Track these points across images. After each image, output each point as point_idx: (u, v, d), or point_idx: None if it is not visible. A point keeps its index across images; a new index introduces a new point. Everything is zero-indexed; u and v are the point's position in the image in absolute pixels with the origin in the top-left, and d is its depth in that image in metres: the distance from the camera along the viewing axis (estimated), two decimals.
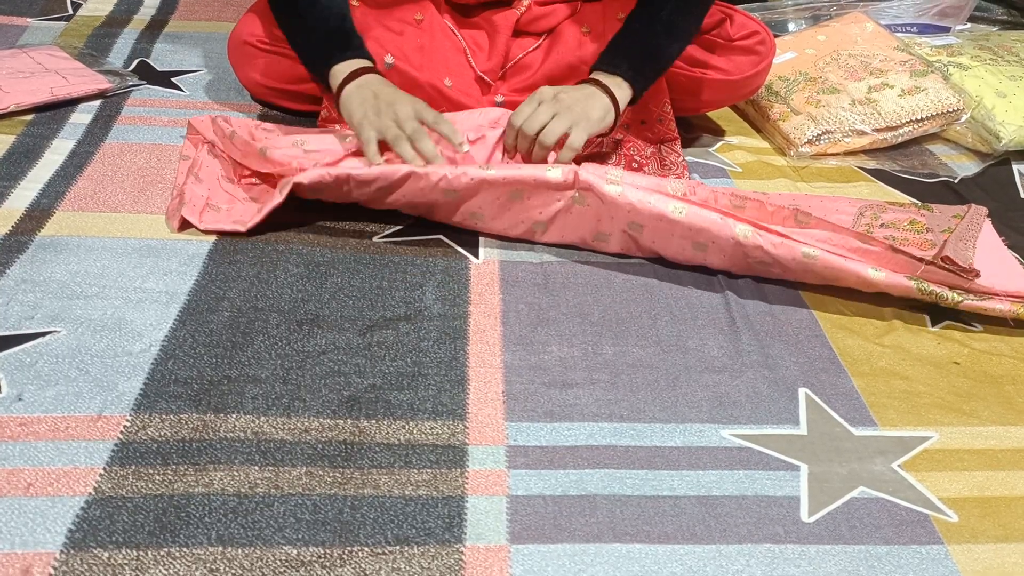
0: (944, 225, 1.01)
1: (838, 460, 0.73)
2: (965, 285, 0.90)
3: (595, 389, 0.79)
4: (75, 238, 0.91)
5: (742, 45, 1.15)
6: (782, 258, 0.89)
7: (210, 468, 0.67)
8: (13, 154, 1.04)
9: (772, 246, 0.89)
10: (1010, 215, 1.11)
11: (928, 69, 1.26)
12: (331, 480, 0.67)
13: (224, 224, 0.94)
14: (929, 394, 0.82)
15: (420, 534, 0.64)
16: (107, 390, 0.73)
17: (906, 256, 0.89)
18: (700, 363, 0.83)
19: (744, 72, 1.14)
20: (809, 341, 0.87)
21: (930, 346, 0.88)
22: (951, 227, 1.00)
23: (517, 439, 0.73)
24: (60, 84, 1.16)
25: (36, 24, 1.39)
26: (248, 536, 0.62)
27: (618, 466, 0.71)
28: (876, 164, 1.21)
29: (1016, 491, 0.72)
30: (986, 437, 0.77)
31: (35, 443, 0.68)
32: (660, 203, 0.90)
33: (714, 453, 0.73)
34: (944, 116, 1.23)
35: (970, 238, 0.96)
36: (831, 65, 1.29)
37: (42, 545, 0.60)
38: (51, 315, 0.80)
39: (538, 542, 0.64)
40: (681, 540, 0.65)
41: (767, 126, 1.27)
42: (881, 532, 0.67)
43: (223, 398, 0.74)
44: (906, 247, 0.93)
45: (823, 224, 0.92)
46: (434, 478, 0.68)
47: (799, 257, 0.89)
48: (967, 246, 0.94)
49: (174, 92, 1.22)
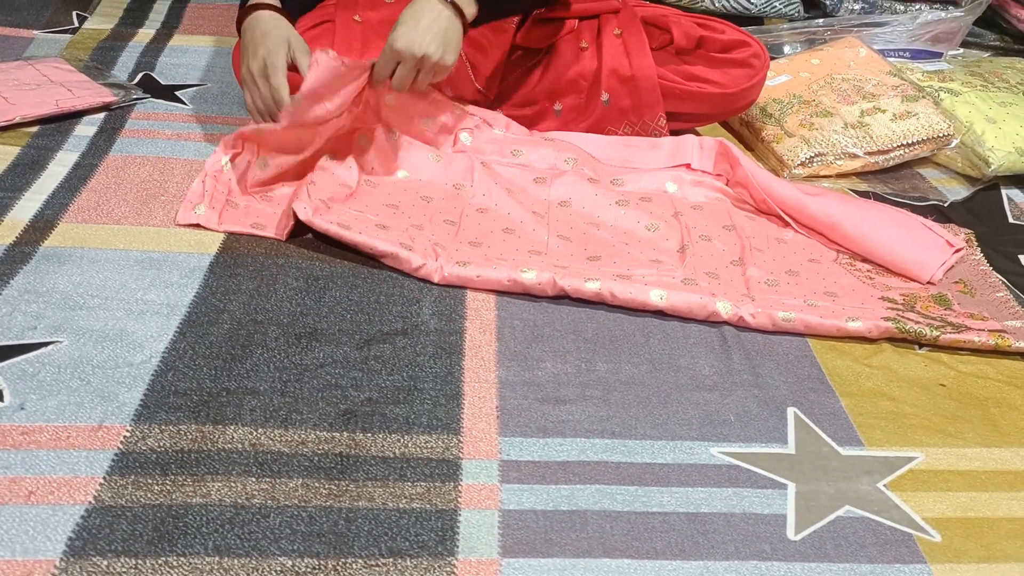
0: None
1: (825, 479, 0.75)
2: (947, 318, 0.92)
3: (588, 405, 0.80)
4: (78, 249, 0.92)
5: (736, 58, 1.17)
6: (763, 326, 0.92)
7: (208, 479, 0.68)
8: (18, 165, 1.06)
9: (751, 316, 0.91)
10: (998, 239, 1.13)
11: (920, 94, 1.29)
12: (327, 492, 0.69)
13: (242, 225, 0.98)
14: (915, 415, 0.83)
15: (413, 547, 0.65)
16: (108, 400, 0.74)
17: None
18: (691, 381, 0.84)
19: (739, 85, 1.16)
20: (799, 361, 0.88)
21: (917, 368, 0.89)
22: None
23: (510, 454, 0.74)
24: (65, 96, 1.18)
25: (42, 37, 1.41)
26: (244, 547, 0.64)
27: (609, 482, 0.72)
28: (868, 187, 1.23)
29: (999, 512, 0.74)
30: (971, 458, 0.79)
31: (36, 452, 0.69)
32: (641, 293, 0.92)
33: (703, 470, 0.74)
34: (935, 141, 1.25)
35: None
36: (825, 88, 1.31)
37: (42, 553, 0.61)
38: (54, 326, 0.82)
39: (529, 556, 0.65)
40: (670, 556, 0.66)
41: (761, 147, 1.29)
42: (866, 551, 0.69)
43: (222, 410, 0.75)
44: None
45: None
46: (428, 491, 0.70)
47: (778, 322, 0.91)
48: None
49: (178, 105, 1.24)
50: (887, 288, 0.99)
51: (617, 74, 1.15)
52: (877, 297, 0.97)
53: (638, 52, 1.16)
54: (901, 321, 0.91)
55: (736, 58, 1.17)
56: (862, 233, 1.03)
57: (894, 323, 0.91)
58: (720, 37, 1.18)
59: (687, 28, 1.19)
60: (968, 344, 0.91)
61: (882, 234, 1.03)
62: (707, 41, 1.18)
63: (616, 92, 1.16)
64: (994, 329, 0.92)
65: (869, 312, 0.93)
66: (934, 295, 0.98)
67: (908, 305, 0.95)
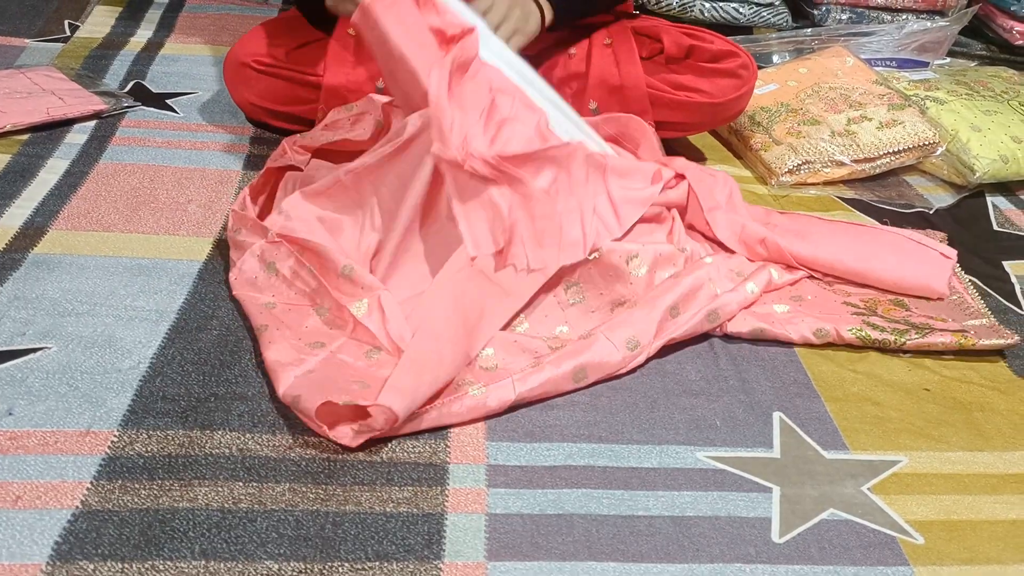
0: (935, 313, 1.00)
1: (810, 483, 0.75)
2: (910, 318, 0.94)
3: (575, 410, 0.81)
4: (68, 256, 0.93)
5: (725, 68, 1.18)
6: (738, 331, 0.92)
7: (195, 483, 0.69)
8: (9, 173, 1.06)
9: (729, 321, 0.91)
10: (983, 246, 1.14)
11: (906, 103, 1.30)
12: (314, 496, 0.69)
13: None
14: (900, 419, 0.84)
15: (400, 550, 0.65)
16: (96, 406, 0.75)
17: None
18: (678, 386, 0.85)
19: (727, 95, 1.17)
20: (785, 366, 0.89)
21: (901, 373, 0.90)
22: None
23: (497, 458, 0.74)
24: (56, 104, 1.18)
25: (34, 45, 1.42)
26: (231, 551, 0.64)
27: (595, 486, 0.73)
28: (854, 194, 1.24)
29: (981, 515, 0.74)
30: (954, 462, 0.80)
31: (24, 457, 0.69)
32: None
33: (689, 475, 0.75)
34: (920, 149, 1.26)
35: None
36: (812, 97, 1.32)
37: (29, 557, 0.61)
38: (43, 332, 0.82)
39: (515, 559, 0.66)
40: (655, 559, 0.67)
41: (749, 155, 1.30)
42: (850, 554, 0.69)
43: (209, 415, 0.75)
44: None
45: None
46: (415, 495, 0.70)
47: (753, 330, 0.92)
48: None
49: (169, 114, 1.24)
50: (847, 294, 0.99)
51: (606, 84, 1.16)
52: (840, 303, 0.97)
53: (627, 61, 1.17)
54: (863, 330, 0.91)
55: (725, 68, 1.18)
56: (867, 267, 1.00)
57: (854, 332, 0.91)
58: (709, 46, 1.19)
59: (677, 37, 1.20)
60: (933, 347, 0.92)
61: (885, 262, 1.01)
62: (696, 50, 1.19)
63: (605, 101, 1.16)
64: (956, 330, 0.93)
65: (836, 319, 0.93)
66: (892, 299, 0.99)
67: (870, 309, 0.96)
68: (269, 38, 1.16)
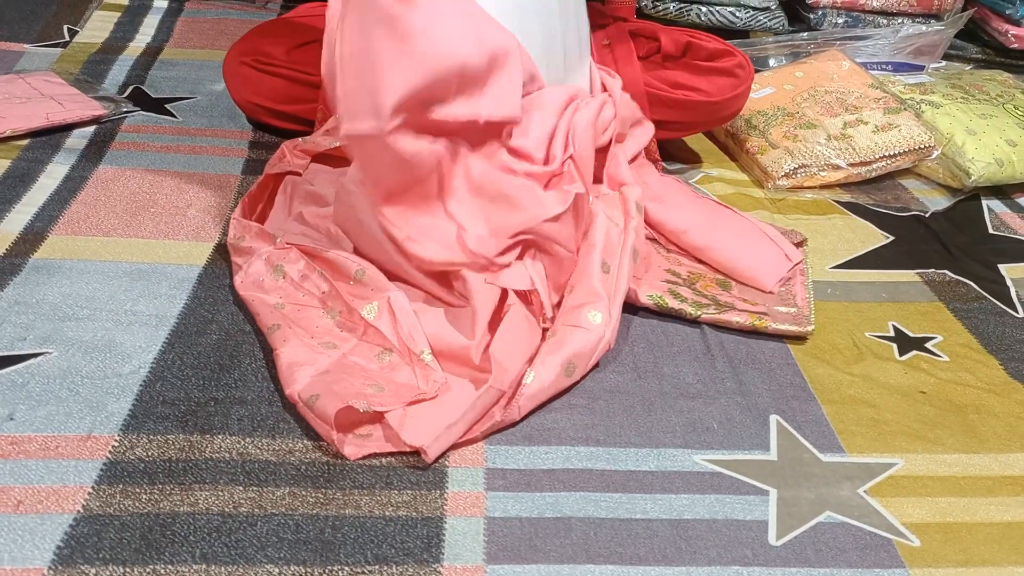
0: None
1: (806, 485, 0.76)
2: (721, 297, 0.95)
3: (572, 414, 0.81)
4: (68, 261, 0.93)
5: (722, 67, 1.19)
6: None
7: (195, 488, 0.69)
8: (8, 178, 1.06)
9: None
10: (978, 249, 1.15)
11: (901, 107, 1.31)
12: (313, 500, 0.69)
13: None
14: (896, 422, 0.84)
15: (399, 554, 0.66)
16: (96, 410, 0.75)
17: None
18: (675, 389, 0.85)
19: (725, 94, 1.18)
20: (781, 369, 0.90)
21: (897, 375, 0.91)
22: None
23: (495, 462, 0.75)
24: (55, 110, 1.19)
25: (33, 50, 1.42)
26: (231, 555, 0.64)
27: (593, 489, 0.73)
28: (850, 197, 1.24)
29: (977, 517, 0.75)
30: (950, 464, 0.80)
31: (25, 461, 0.69)
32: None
33: (686, 477, 0.75)
34: (916, 152, 1.27)
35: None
36: (808, 101, 1.33)
37: (31, 562, 0.62)
38: (43, 336, 0.82)
39: (514, 562, 0.66)
40: (653, 562, 0.67)
41: (745, 159, 1.30)
42: (846, 556, 0.70)
43: (209, 419, 0.76)
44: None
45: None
46: (414, 499, 0.70)
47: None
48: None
49: (167, 119, 1.25)
50: (678, 263, 1.00)
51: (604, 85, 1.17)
52: (663, 269, 0.97)
53: (625, 60, 1.18)
54: (664, 297, 0.92)
55: (722, 67, 1.19)
56: (706, 243, 1.02)
57: (653, 298, 0.92)
58: (706, 45, 1.21)
59: (675, 35, 1.21)
60: (727, 324, 0.93)
61: (724, 244, 1.02)
62: (693, 47, 1.20)
63: None
64: (756, 312, 0.93)
65: (643, 282, 0.94)
66: (718, 279, 1.00)
67: (689, 282, 0.97)
68: (269, 37, 1.17)
